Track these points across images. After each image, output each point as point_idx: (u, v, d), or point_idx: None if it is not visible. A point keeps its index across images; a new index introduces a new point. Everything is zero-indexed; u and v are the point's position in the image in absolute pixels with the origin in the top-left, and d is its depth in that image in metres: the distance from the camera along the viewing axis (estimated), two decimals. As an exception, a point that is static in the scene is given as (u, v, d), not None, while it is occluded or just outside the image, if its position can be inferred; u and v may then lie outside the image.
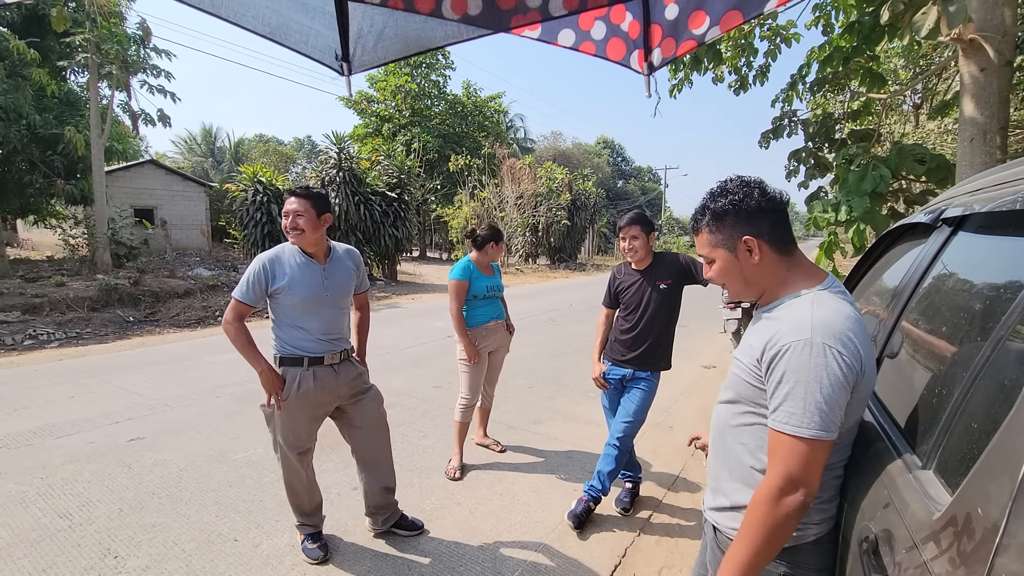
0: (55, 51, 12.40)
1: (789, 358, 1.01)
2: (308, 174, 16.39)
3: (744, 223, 1.14)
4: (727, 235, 1.17)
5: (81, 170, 13.19)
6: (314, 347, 2.26)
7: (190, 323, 8.89)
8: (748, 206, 1.13)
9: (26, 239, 21.18)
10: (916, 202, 3.92)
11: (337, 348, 2.33)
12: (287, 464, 2.34)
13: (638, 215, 2.72)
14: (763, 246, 1.13)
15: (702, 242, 1.22)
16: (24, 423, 4.09)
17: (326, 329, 2.29)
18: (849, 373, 0.99)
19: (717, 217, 1.17)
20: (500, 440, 3.71)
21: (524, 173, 20.64)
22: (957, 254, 1.23)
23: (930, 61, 7.54)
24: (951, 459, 0.87)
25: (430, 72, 28.33)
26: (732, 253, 1.17)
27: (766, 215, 1.14)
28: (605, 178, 39.88)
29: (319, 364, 2.26)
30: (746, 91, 5.69)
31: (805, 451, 0.98)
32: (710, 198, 1.20)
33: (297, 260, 2.26)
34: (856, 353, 1.00)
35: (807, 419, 0.98)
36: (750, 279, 1.18)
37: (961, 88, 3.09)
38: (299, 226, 2.21)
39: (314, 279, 2.26)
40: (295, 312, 2.24)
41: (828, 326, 1.01)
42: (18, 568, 2.33)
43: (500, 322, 3.48)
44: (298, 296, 2.21)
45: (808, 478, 0.98)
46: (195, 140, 36.25)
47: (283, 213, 2.24)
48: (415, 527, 2.65)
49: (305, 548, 2.42)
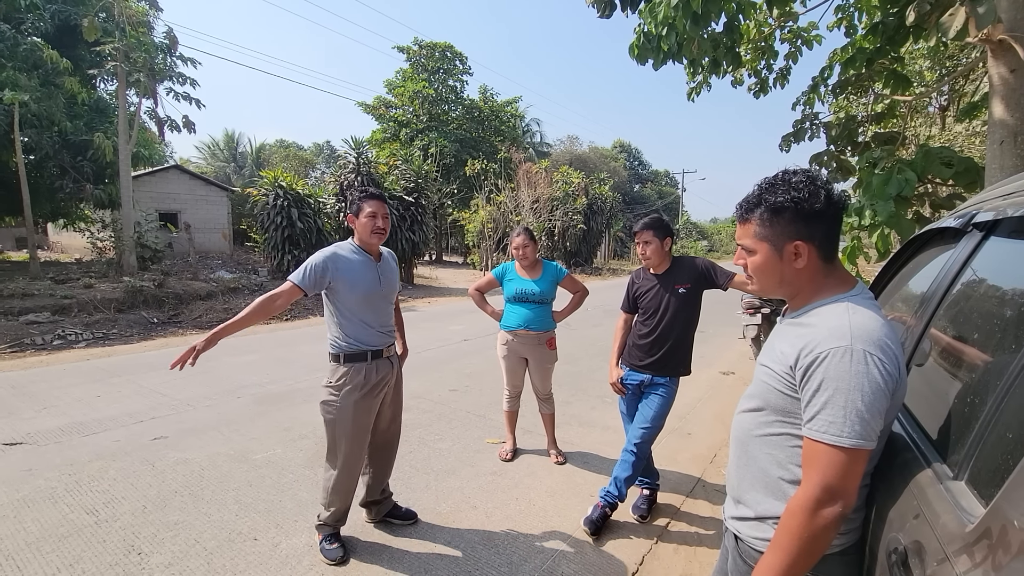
0: (86, 60, 12.82)
1: (828, 365, 0.98)
2: (327, 179, 16.60)
3: (801, 225, 1.07)
4: (778, 232, 1.09)
5: (109, 175, 13.59)
6: (374, 340, 2.39)
7: (212, 325, 9.05)
8: (811, 208, 1.06)
9: (56, 242, 21.86)
10: (943, 206, 3.82)
11: (390, 340, 2.49)
12: (351, 468, 2.39)
13: (653, 220, 2.70)
14: (812, 252, 1.08)
15: (747, 232, 1.15)
16: (53, 421, 4.20)
17: (383, 322, 2.44)
18: (889, 380, 0.96)
19: (774, 212, 1.09)
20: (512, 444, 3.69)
21: (540, 177, 20.63)
22: (989, 259, 1.20)
23: (957, 62, 7.36)
24: (984, 470, 0.84)
25: (447, 78, 28.58)
26: (777, 252, 1.11)
27: (825, 220, 1.07)
28: (622, 182, 39.69)
29: (379, 357, 2.40)
30: (766, 94, 5.62)
31: (844, 460, 0.95)
32: (768, 189, 1.11)
33: (357, 257, 2.39)
34: (895, 360, 0.98)
35: (847, 427, 0.95)
36: (787, 281, 1.13)
37: (990, 89, 3.01)
38: (386, 228, 2.40)
39: (373, 275, 2.40)
40: (358, 307, 2.36)
41: (868, 332, 0.98)
42: (47, 562, 2.39)
43: (530, 332, 3.34)
44: (360, 291, 2.34)
45: (847, 488, 0.96)
46: (218, 146, 37.02)
47: (368, 215, 2.37)
48: (409, 516, 2.75)
49: (324, 549, 2.44)
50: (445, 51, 28.34)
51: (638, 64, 3.85)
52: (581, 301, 3.54)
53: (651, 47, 3.67)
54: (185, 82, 13.27)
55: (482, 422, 4.28)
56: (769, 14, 5.08)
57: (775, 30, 5.29)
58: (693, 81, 5.30)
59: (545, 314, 3.37)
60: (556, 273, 3.40)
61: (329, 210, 14.20)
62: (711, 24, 3.49)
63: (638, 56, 3.81)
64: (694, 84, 5.32)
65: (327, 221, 13.85)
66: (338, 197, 14.57)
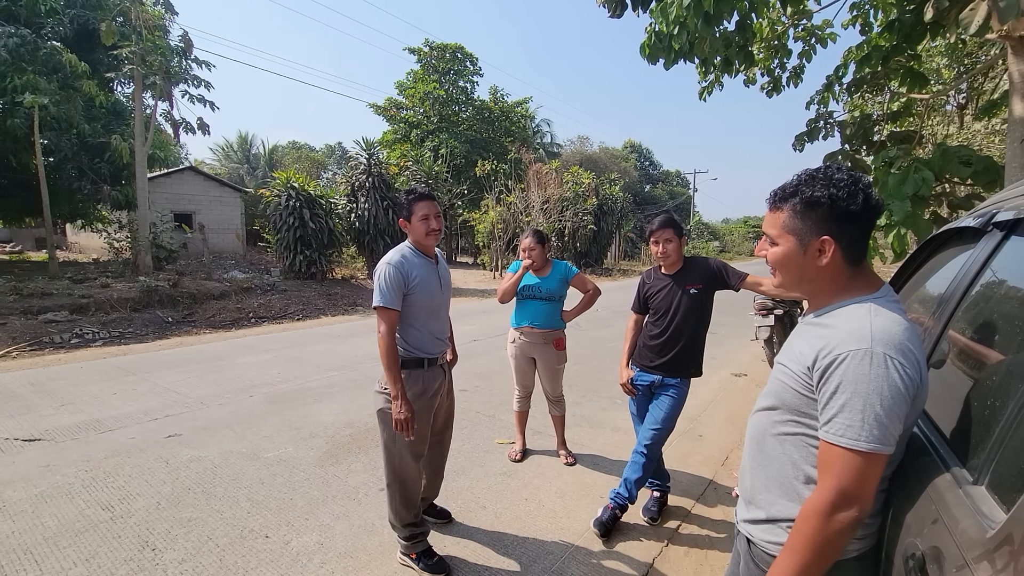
0: (103, 63, 13.03)
1: (847, 368, 0.96)
2: (339, 179, 16.74)
3: (833, 223, 1.05)
4: (808, 227, 1.08)
5: (126, 176, 13.80)
6: (431, 347, 2.33)
7: (225, 324, 9.16)
8: (847, 208, 1.04)
9: (74, 242, 22.25)
10: (961, 206, 3.74)
11: (446, 347, 2.44)
12: (410, 474, 2.29)
13: (669, 218, 2.68)
14: (837, 252, 1.06)
15: (775, 221, 1.13)
16: (70, 418, 4.28)
17: (441, 328, 2.39)
18: (910, 385, 0.94)
19: (808, 204, 1.07)
20: (522, 444, 3.69)
21: (550, 178, 20.58)
22: (1010, 259, 1.17)
23: (976, 60, 7.23)
24: (1006, 474, 0.82)
25: (458, 79, 28.66)
26: (802, 247, 1.09)
27: (858, 223, 1.06)
28: (632, 182, 39.49)
29: (434, 364, 2.34)
30: (779, 93, 5.56)
31: (861, 465, 0.93)
32: (808, 181, 1.08)
33: (418, 260, 2.31)
34: (916, 364, 0.96)
35: (865, 432, 0.93)
36: (807, 277, 1.11)
37: (1010, 87, 2.95)
38: (440, 227, 2.33)
39: (434, 278, 2.34)
40: (421, 313, 2.28)
41: (889, 336, 0.96)
42: (64, 556, 2.43)
43: (535, 330, 3.34)
44: (426, 295, 2.28)
45: (863, 493, 0.94)
46: (232, 147, 37.47)
47: (422, 216, 2.28)
48: (443, 515, 2.75)
49: (428, 565, 2.30)
50: (456, 52, 28.43)
51: (649, 64, 3.82)
52: (592, 301, 3.40)
53: (662, 46, 3.65)
54: (200, 85, 13.43)
55: (492, 422, 4.28)
56: (783, 12, 5.02)
57: (788, 28, 5.23)
58: (705, 80, 5.26)
59: (551, 312, 3.34)
60: (565, 271, 3.37)
61: (341, 211, 14.31)
62: (723, 23, 3.45)
63: (649, 56, 3.78)
64: (706, 83, 5.29)
65: (338, 222, 13.95)
66: (349, 198, 14.68)
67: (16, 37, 10.67)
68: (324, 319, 10.04)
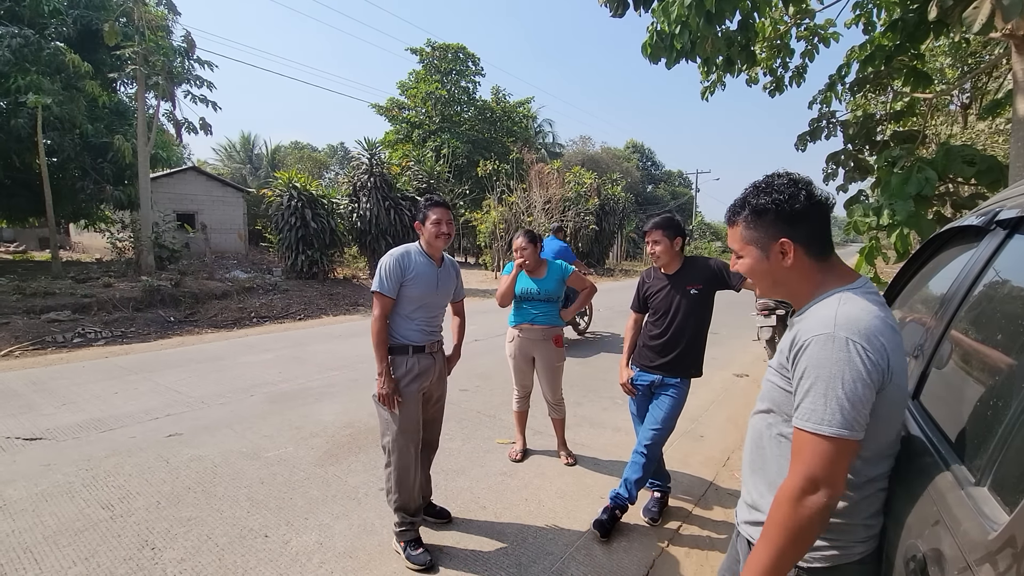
0: (106, 64, 13.07)
1: (811, 352, 0.98)
2: (340, 179, 16.75)
3: (784, 225, 1.10)
4: (763, 234, 1.13)
5: (128, 176, 13.85)
6: (417, 337, 2.51)
7: (227, 324, 9.17)
8: (792, 208, 1.09)
9: (78, 242, 22.34)
10: (965, 206, 3.72)
11: (434, 339, 2.61)
12: (406, 461, 2.43)
13: (663, 219, 2.67)
14: (798, 250, 1.10)
15: (735, 236, 1.18)
16: (72, 417, 4.28)
17: (429, 321, 2.57)
18: (873, 370, 0.94)
19: (757, 214, 1.12)
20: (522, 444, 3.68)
21: (552, 178, 20.55)
22: (1013, 258, 1.16)
23: (979, 59, 7.19)
24: (1008, 475, 0.81)
25: (460, 79, 28.66)
26: (764, 253, 1.13)
27: (808, 219, 1.09)
28: (634, 183, 39.45)
29: (421, 352, 2.52)
30: (782, 93, 5.54)
31: (827, 450, 0.94)
32: (753, 192, 1.14)
33: (422, 259, 2.53)
34: (882, 350, 0.96)
35: (828, 416, 0.94)
36: (779, 281, 1.15)
37: (1015, 86, 2.93)
38: (451, 233, 2.54)
39: (431, 277, 2.54)
40: (410, 304, 2.50)
41: (852, 321, 0.98)
42: (63, 555, 2.43)
43: (535, 327, 3.36)
44: (418, 290, 2.48)
45: (831, 478, 0.94)
46: (234, 147, 37.56)
47: (434, 221, 2.50)
48: (443, 515, 2.77)
49: (410, 556, 2.40)
50: (458, 52, 28.43)
51: (651, 63, 3.81)
52: (589, 298, 3.53)
53: (664, 46, 3.63)
54: (202, 85, 13.46)
55: (492, 422, 4.27)
56: (785, 11, 5.01)
57: (791, 28, 5.22)
58: (707, 80, 5.25)
59: (551, 311, 3.39)
60: (561, 271, 3.39)
61: (342, 211, 14.32)
62: (725, 22, 3.44)
63: (651, 55, 3.77)
64: (708, 83, 5.27)
65: (340, 222, 13.96)
66: (351, 198, 14.68)
67: (20, 37, 10.71)
68: (325, 319, 10.05)
